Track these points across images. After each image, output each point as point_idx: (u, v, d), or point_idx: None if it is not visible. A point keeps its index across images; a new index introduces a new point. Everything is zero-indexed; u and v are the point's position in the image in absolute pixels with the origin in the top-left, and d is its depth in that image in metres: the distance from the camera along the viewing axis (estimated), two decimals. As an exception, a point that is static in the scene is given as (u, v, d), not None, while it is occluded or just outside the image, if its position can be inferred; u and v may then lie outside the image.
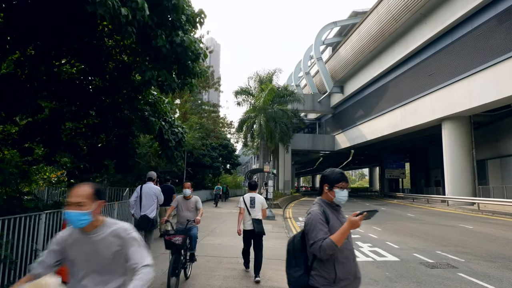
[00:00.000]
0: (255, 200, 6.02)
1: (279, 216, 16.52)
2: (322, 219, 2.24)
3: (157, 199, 7.30)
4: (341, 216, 2.40)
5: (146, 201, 7.11)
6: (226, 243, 8.78)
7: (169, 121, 11.45)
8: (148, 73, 6.28)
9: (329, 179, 2.37)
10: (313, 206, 2.40)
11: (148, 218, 6.94)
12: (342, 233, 2.13)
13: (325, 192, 2.38)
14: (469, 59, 21.32)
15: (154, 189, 7.31)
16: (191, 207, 5.77)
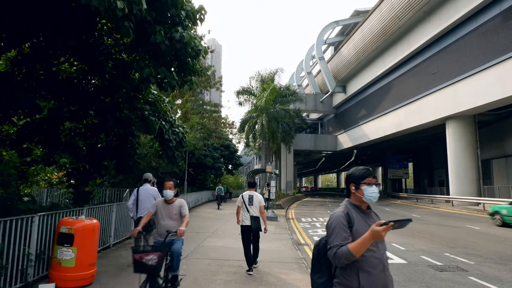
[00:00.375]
0: (253, 198, 6.32)
1: (281, 217, 16.30)
2: (344, 222, 2.07)
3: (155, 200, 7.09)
4: (371, 220, 2.18)
5: (144, 203, 6.94)
6: (228, 245, 8.56)
7: (169, 121, 11.26)
8: (146, 70, 6.09)
9: (354, 177, 2.20)
10: (337, 208, 2.22)
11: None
12: (362, 243, 1.93)
13: (352, 192, 2.21)
14: (473, 58, 21.03)
15: (151, 191, 7.16)
16: (174, 213, 4.50)
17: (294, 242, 9.44)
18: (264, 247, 8.35)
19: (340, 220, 2.07)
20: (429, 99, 25.29)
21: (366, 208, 2.22)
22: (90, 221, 4.84)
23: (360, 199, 2.16)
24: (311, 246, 9.07)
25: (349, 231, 2.04)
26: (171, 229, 4.33)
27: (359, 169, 2.24)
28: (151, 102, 9.62)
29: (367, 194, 2.13)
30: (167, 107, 10.37)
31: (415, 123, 27.27)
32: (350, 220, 2.09)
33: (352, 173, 2.24)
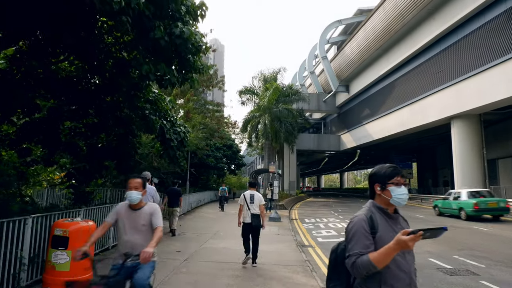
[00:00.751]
0: (254, 196, 6.71)
1: (284, 218, 16.09)
2: (366, 227, 1.83)
3: (153, 199, 7.02)
4: (399, 226, 1.94)
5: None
6: (231, 246, 8.36)
7: (171, 120, 11.10)
8: (145, 66, 5.90)
9: (379, 177, 1.96)
10: (359, 211, 1.97)
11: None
12: (386, 253, 1.69)
13: (378, 194, 1.96)
14: (478, 56, 20.72)
15: (149, 189, 7.08)
16: (142, 224, 3.17)
17: (298, 243, 9.23)
18: (267, 248, 8.15)
19: (362, 224, 1.84)
20: (434, 98, 24.97)
21: (393, 212, 1.97)
22: (86, 223, 4.65)
23: (387, 202, 1.92)
24: (315, 248, 8.86)
25: (371, 238, 1.81)
26: (136, 246, 3.04)
27: (385, 167, 1.99)
28: (152, 101, 9.45)
29: (395, 195, 1.88)
30: (168, 106, 10.21)
31: (420, 122, 26.95)
32: (374, 225, 1.85)
33: (377, 172, 1.99)
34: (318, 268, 6.71)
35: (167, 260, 6.63)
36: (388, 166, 1.99)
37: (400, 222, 1.98)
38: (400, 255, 1.80)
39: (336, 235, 11.13)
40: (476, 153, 22.84)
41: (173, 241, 8.91)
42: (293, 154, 40.57)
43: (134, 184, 3.22)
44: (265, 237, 9.98)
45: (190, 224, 12.83)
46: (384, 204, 1.94)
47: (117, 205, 3.24)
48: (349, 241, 1.85)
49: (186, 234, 10.23)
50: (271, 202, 19.55)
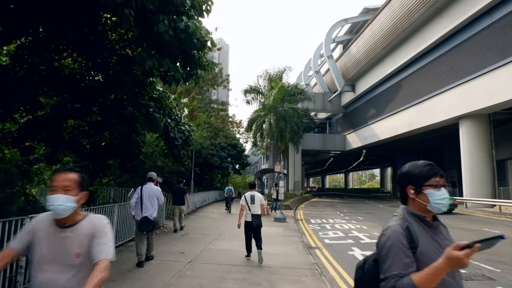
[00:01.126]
0: (254, 197, 7.02)
1: (290, 218, 15.84)
2: (403, 241, 1.50)
3: (158, 200, 6.86)
4: (440, 236, 1.61)
5: (147, 203, 6.75)
6: (236, 248, 8.15)
7: (175, 118, 10.92)
8: (148, 61, 5.70)
9: (413, 177, 1.63)
10: (392, 220, 1.64)
11: (149, 219, 6.69)
12: (434, 273, 1.37)
13: (411, 198, 1.63)
14: (489, 54, 20.32)
15: (154, 190, 6.92)
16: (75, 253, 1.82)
17: (304, 245, 9.00)
18: (274, 250, 7.93)
19: (398, 238, 1.50)
20: (442, 98, 24.58)
21: (432, 220, 1.63)
22: (86, 224, 4.45)
23: (423, 208, 1.59)
24: (322, 250, 8.62)
25: (411, 255, 1.48)
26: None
27: (419, 165, 1.64)
28: (156, 98, 9.27)
29: (434, 200, 1.56)
30: (172, 104, 10.02)
31: (427, 122, 26.56)
32: (412, 237, 1.52)
33: (410, 171, 1.65)
34: (327, 271, 6.47)
35: (170, 262, 6.44)
36: (423, 164, 1.65)
37: (442, 231, 1.64)
38: (449, 275, 1.48)
39: (343, 236, 10.87)
40: (485, 154, 22.44)
41: (176, 241, 8.72)
42: (298, 154, 40.30)
43: (63, 183, 1.82)
44: (271, 239, 9.76)
45: (194, 224, 12.63)
46: (420, 211, 1.61)
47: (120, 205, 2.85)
48: (383, 259, 1.51)
49: (190, 234, 10.04)
50: (276, 202, 19.31)
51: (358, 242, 9.80)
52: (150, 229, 6.69)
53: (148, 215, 6.70)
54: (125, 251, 7.21)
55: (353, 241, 9.99)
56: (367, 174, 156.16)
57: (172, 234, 9.91)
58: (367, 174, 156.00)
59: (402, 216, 1.62)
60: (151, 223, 6.66)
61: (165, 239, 8.87)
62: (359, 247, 8.97)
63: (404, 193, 1.68)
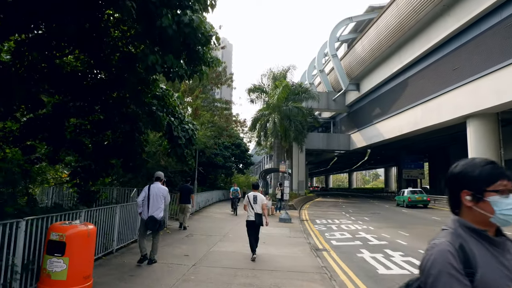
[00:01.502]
0: (257, 197, 7.42)
1: (295, 219, 15.60)
2: (455, 264, 1.14)
3: (165, 200, 6.69)
4: (508, 257, 1.22)
5: (154, 202, 6.64)
6: (241, 250, 7.91)
7: (179, 117, 10.72)
8: (151, 57, 5.48)
9: (470, 179, 1.26)
10: (439, 236, 1.28)
11: (156, 219, 6.56)
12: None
13: (467, 206, 1.27)
14: (498, 52, 19.93)
15: (162, 190, 6.75)
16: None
17: (311, 247, 8.76)
18: (280, 252, 7.70)
19: (449, 260, 1.15)
20: (449, 97, 24.18)
21: (495, 235, 1.26)
22: (85, 226, 4.23)
23: (484, 220, 1.23)
24: (330, 252, 8.37)
25: (468, 283, 1.12)
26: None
27: (477, 164, 1.28)
28: (159, 96, 9.06)
29: (500, 211, 1.20)
30: (175, 102, 9.82)
31: (433, 121, 26.15)
32: (469, 260, 1.16)
33: (466, 172, 1.28)
34: (337, 275, 6.22)
35: (174, 265, 6.21)
36: (483, 162, 1.28)
37: (510, 250, 1.25)
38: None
39: (351, 237, 10.62)
40: (493, 153, 22.02)
41: (180, 243, 8.50)
42: (302, 154, 40.02)
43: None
44: (277, 240, 9.53)
45: (198, 225, 12.43)
46: (479, 223, 1.25)
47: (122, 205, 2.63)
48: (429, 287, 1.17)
49: (194, 235, 9.82)
50: (280, 202, 19.07)
51: (367, 243, 9.55)
52: (156, 228, 6.58)
53: (154, 215, 6.58)
54: (127, 253, 6.99)
55: (361, 242, 9.73)
56: (371, 174, 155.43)
57: (176, 235, 9.70)
58: (371, 174, 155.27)
59: (453, 231, 1.25)
60: (157, 222, 6.55)
61: (169, 241, 8.66)
62: (368, 249, 8.71)
63: (456, 200, 1.31)
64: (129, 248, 7.40)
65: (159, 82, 8.83)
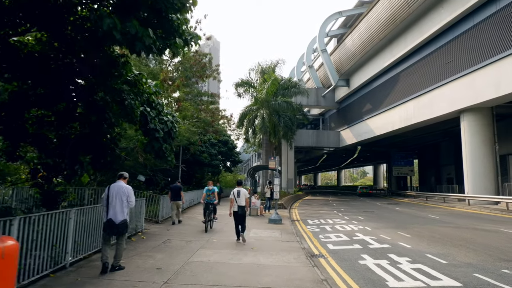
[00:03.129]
0: (240, 192, 9.08)
1: (285, 219, 14.55)
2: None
3: (128, 200, 5.56)
4: None
5: (113, 203, 5.51)
6: (225, 260, 6.77)
7: (156, 107, 9.51)
8: (107, 20, 4.32)
9: None
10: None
11: (113, 222, 5.59)
12: None
13: None
14: (494, 44, 19.26)
15: (124, 189, 5.66)
16: None
17: (306, 252, 7.69)
18: (272, 261, 6.61)
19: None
20: (443, 91, 23.51)
21: None
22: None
23: None
24: (328, 259, 7.32)
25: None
26: None
27: None
28: (131, 82, 7.82)
29: None
30: (150, 89, 8.59)
31: (426, 116, 25.50)
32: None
33: None
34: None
35: (141, 283, 5.01)
36: None
37: None
38: None
39: (348, 240, 9.61)
40: (488, 149, 21.48)
41: (154, 252, 7.30)
42: (292, 151, 39.09)
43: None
44: (267, 245, 8.44)
45: (178, 229, 11.24)
46: None
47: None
48: None
49: (172, 241, 8.63)
50: (270, 201, 18.01)
51: (367, 247, 8.54)
52: (115, 232, 5.59)
53: (113, 217, 5.59)
54: (85, 267, 5.75)
55: (361, 246, 8.72)
56: (358, 172, 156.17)
57: (151, 241, 8.51)
58: (359, 172, 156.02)
59: None
60: (115, 226, 5.54)
61: (142, 249, 7.45)
62: (370, 254, 7.70)
63: None
64: (89, 261, 6.14)
65: (131, 65, 7.61)
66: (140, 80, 7.91)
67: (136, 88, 8.01)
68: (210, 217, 10.96)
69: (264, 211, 17.37)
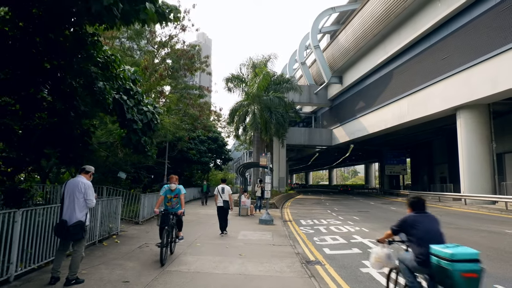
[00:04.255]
0: (224, 189, 9.90)
1: (277, 219, 13.69)
2: None
3: (85, 199, 4.63)
4: None
5: (69, 201, 4.77)
6: (209, 268, 5.84)
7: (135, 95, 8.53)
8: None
9: None
10: None
11: (64, 224, 4.64)
12: None
13: None
14: (491, 39, 18.67)
15: (81, 184, 4.77)
16: None
17: (301, 259, 6.82)
18: (261, 271, 5.71)
19: None
20: (438, 88, 22.91)
21: None
22: None
23: None
24: (326, 266, 6.46)
25: None
26: None
27: None
28: (102, 64, 6.82)
29: None
30: (126, 74, 7.61)
31: (420, 114, 24.89)
32: None
33: None
34: (343, 308, 4.30)
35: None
36: None
37: None
38: None
39: (346, 243, 8.77)
40: (484, 147, 20.94)
41: (126, 259, 6.32)
42: (283, 149, 38.29)
43: None
44: (257, 250, 7.54)
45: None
46: None
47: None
48: None
49: (149, 245, 7.66)
50: (260, 200, 17.12)
51: (367, 251, 7.71)
52: (66, 237, 4.69)
53: (66, 218, 4.66)
54: (34, 280, 4.72)
55: (360, 250, 7.89)
56: (349, 171, 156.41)
57: (125, 246, 7.53)
58: (350, 171, 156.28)
59: None
60: (67, 229, 4.61)
61: (111, 256, 6.46)
62: (371, 260, 6.84)
63: None
64: (42, 272, 5.06)
65: (101, 44, 6.63)
66: (113, 62, 6.92)
67: (109, 72, 7.02)
68: (171, 238, 6.73)
69: (254, 210, 16.47)
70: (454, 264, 2.89)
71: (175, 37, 17.82)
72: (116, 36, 16.49)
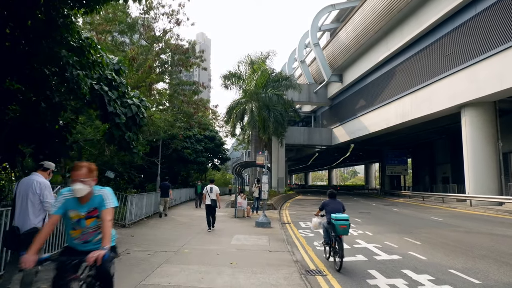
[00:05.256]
0: (212, 189, 10.75)
1: (275, 222, 12.92)
2: None
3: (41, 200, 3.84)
4: None
5: (21, 204, 3.79)
6: (193, 282, 5.07)
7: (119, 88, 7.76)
8: None
9: None
10: None
11: (14, 232, 3.82)
12: None
13: None
14: (498, 34, 17.94)
15: (35, 183, 3.91)
16: None
17: (300, 268, 6.06)
18: (254, 284, 4.93)
19: None
20: (442, 85, 22.18)
21: None
22: None
23: None
24: (327, 276, 5.71)
25: None
26: None
27: None
28: (77, 48, 6.04)
29: None
30: (104, 60, 6.84)
31: (424, 112, 24.16)
32: None
33: None
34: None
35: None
36: None
37: None
38: None
39: (349, 249, 8.02)
40: (490, 146, 20.20)
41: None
42: (282, 148, 37.53)
43: None
44: (251, 257, 6.77)
45: (147, 233, 9.51)
46: None
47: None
48: None
49: (131, 252, 6.89)
50: (258, 201, 16.36)
51: (373, 259, 6.96)
52: (18, 247, 3.80)
53: (19, 225, 3.87)
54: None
55: (365, 257, 7.13)
56: (349, 171, 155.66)
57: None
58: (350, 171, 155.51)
59: None
60: (18, 237, 3.80)
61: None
62: (379, 269, 6.12)
63: None
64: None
65: (75, 26, 5.88)
66: (88, 47, 6.15)
67: (84, 58, 6.25)
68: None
69: (251, 212, 15.72)
70: (336, 221, 6.16)
71: (169, 32, 17.13)
72: (108, 30, 15.74)
